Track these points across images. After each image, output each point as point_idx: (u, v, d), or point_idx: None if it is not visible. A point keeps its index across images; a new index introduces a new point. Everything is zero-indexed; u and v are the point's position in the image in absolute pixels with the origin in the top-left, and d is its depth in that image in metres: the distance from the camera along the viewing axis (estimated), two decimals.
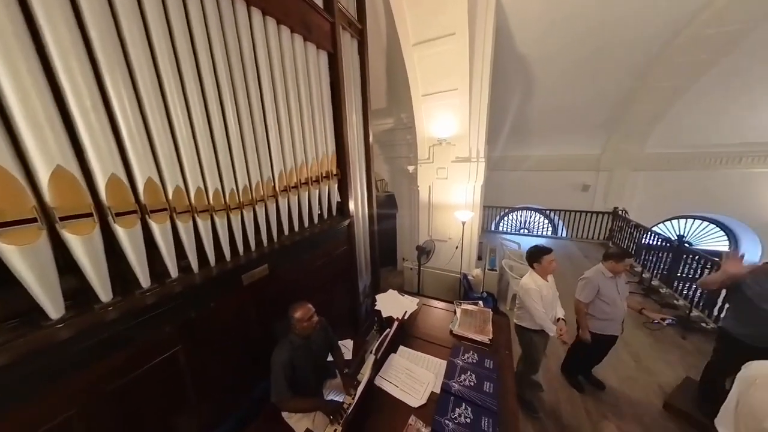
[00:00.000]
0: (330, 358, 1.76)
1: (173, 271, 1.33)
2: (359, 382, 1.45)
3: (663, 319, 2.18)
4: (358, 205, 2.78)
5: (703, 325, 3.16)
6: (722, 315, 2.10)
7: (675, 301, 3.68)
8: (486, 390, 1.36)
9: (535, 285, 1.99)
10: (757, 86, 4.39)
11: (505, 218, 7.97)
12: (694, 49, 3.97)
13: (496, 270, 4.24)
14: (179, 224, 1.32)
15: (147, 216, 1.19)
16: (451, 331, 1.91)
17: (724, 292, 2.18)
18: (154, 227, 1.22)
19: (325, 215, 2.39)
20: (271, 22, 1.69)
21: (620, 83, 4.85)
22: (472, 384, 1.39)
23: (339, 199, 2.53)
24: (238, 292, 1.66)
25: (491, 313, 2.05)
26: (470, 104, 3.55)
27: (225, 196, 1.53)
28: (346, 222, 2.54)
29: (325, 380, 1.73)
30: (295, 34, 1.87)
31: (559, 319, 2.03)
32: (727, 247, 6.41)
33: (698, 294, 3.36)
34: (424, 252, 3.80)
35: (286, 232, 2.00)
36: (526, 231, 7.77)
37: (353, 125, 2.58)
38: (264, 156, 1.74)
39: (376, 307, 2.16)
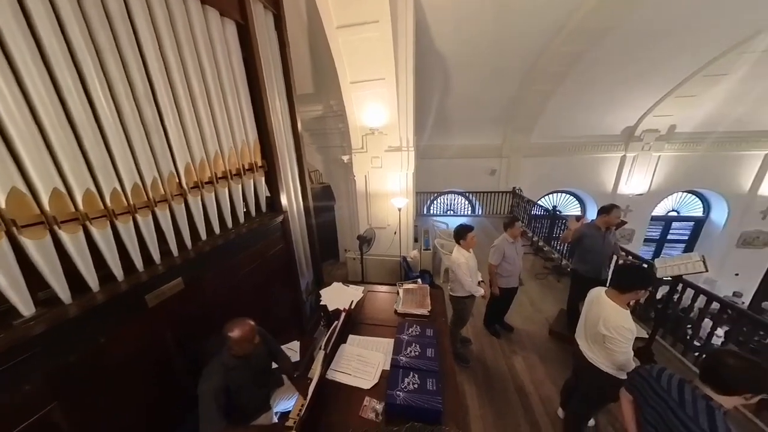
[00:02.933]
0: (274, 366, 1.64)
1: (25, 308, 0.96)
2: (311, 380, 1.40)
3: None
4: (291, 198, 2.58)
5: (569, 269, 4.33)
6: (572, 260, 3.14)
7: (553, 255, 4.90)
8: (429, 356, 1.53)
9: (464, 258, 2.35)
10: (595, 93, 6.06)
11: (435, 202, 8.85)
12: (555, 62, 5.14)
13: (430, 249, 4.71)
14: (26, 242, 0.95)
15: None
16: (395, 311, 2.04)
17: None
18: None
19: (253, 213, 2.13)
20: None
21: (511, 84, 5.89)
22: (417, 353, 1.54)
23: (268, 194, 2.29)
24: (143, 316, 1.34)
25: (428, 288, 2.28)
26: (398, 95, 3.68)
27: (104, 198, 1.17)
28: (279, 218, 2.33)
29: (271, 391, 1.61)
30: None
31: (480, 282, 2.46)
32: (579, 211, 8.86)
33: (566, 248, 4.58)
34: (365, 241, 3.87)
35: (204, 236, 1.70)
36: (452, 212, 8.83)
37: (277, 111, 2.33)
38: (160, 146, 1.40)
39: (321, 303, 2.11)
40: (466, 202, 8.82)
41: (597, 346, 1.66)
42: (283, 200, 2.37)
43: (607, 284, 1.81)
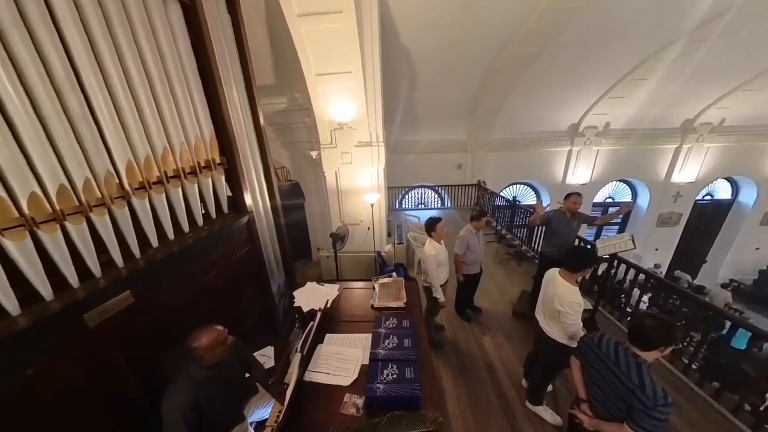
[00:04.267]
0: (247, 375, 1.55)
1: None
2: (288, 386, 1.36)
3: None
4: (257, 197, 2.43)
5: (528, 254, 4.77)
6: (540, 243, 3.52)
7: (514, 242, 5.34)
8: (406, 346, 1.58)
9: (434, 251, 2.45)
10: (546, 93, 6.63)
11: (406, 196, 9.01)
12: (511, 62, 5.51)
13: (403, 243, 4.81)
14: None
15: None
16: (372, 306, 2.06)
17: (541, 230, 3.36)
18: None
19: (214, 214, 1.96)
20: None
21: (473, 81, 6.18)
22: (394, 345, 1.58)
23: (230, 194, 2.12)
24: (83, 338, 1.16)
25: (403, 280, 2.34)
26: (365, 89, 3.64)
27: (19, 204, 0.98)
28: (244, 219, 2.18)
29: (245, 401, 1.53)
30: None
31: (445, 282, 2.59)
32: (535, 200, 9.76)
33: (525, 234, 5.03)
34: (338, 238, 3.82)
35: (156, 242, 1.52)
36: (423, 206, 9.09)
37: (235, 103, 2.15)
38: (92, 142, 1.21)
39: (295, 304, 2.04)
40: (436, 196, 9.14)
41: (553, 321, 1.86)
42: (248, 200, 2.22)
43: None
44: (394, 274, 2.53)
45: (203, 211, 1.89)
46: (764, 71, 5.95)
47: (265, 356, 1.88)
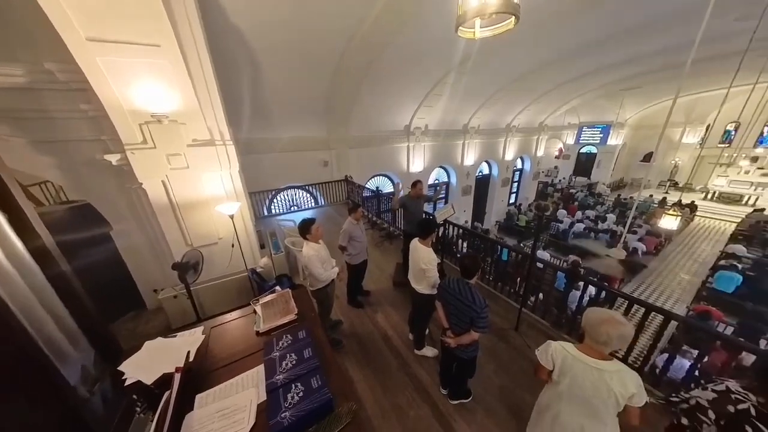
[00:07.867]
0: None
1: None
2: None
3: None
4: None
5: (396, 233, 5.73)
6: (402, 223, 4.42)
7: (384, 225, 6.23)
8: (307, 356, 1.48)
9: (313, 251, 2.43)
10: (384, 96, 7.92)
11: (275, 200, 8.14)
12: (352, 65, 6.12)
13: (282, 251, 4.37)
14: None
15: None
16: (257, 332, 1.76)
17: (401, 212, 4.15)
18: None
19: None
20: None
21: (323, 83, 6.37)
22: (294, 362, 1.44)
23: None
24: None
25: (290, 291, 2.15)
26: (190, 73, 2.85)
27: None
28: None
29: None
30: None
31: (333, 267, 2.67)
32: (392, 187, 11.77)
33: (390, 218, 5.97)
34: (187, 268, 2.89)
35: None
36: (296, 207, 8.56)
37: None
38: None
39: (128, 382, 1.38)
40: (308, 195, 8.88)
41: (420, 279, 2.38)
42: None
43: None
44: (277, 288, 2.26)
45: None
46: (491, 96, 10.08)
47: None
